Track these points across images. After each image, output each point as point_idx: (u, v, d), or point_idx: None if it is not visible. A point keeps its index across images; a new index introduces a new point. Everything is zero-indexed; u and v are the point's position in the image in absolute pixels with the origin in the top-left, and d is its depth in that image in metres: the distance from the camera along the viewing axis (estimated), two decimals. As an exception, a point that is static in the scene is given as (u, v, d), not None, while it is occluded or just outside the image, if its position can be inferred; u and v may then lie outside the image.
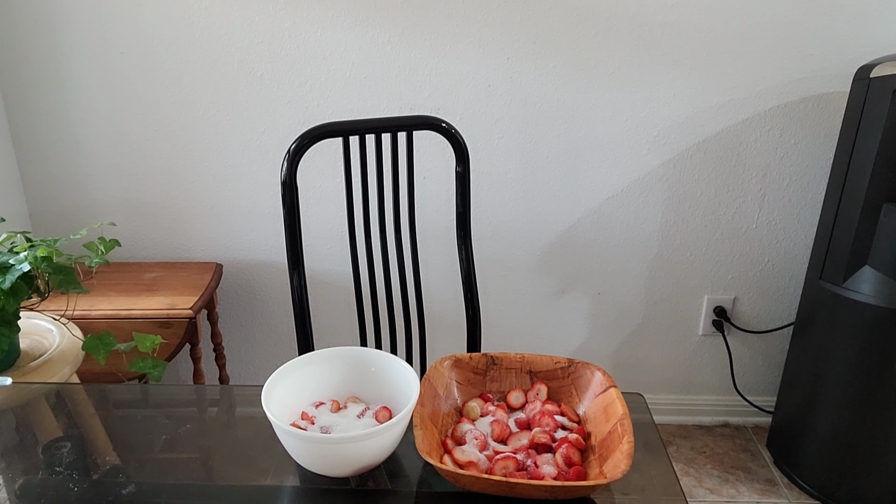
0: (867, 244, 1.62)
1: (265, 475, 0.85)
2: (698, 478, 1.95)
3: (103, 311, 1.62)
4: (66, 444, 0.90)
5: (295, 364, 0.87)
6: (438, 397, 0.89)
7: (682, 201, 1.92)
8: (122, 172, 1.86)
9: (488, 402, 0.92)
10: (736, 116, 1.83)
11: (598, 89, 1.79)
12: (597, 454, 0.82)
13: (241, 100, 1.79)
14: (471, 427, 0.86)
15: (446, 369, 0.92)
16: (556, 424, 0.87)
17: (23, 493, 0.80)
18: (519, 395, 0.93)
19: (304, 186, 1.88)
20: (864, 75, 1.61)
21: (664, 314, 2.05)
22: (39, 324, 1.36)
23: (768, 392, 2.14)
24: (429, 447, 0.78)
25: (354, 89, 1.78)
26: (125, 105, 1.79)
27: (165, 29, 1.71)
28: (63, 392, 1.09)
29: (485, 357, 0.95)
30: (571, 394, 0.93)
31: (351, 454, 0.77)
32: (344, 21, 1.72)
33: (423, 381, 0.86)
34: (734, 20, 1.73)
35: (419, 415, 0.81)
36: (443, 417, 0.88)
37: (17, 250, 1.14)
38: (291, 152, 1.16)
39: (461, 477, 0.74)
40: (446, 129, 1.23)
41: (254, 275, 1.98)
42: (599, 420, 0.86)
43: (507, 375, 0.95)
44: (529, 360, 0.95)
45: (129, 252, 1.93)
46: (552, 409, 0.89)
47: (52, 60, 1.74)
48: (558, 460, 0.80)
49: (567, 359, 0.95)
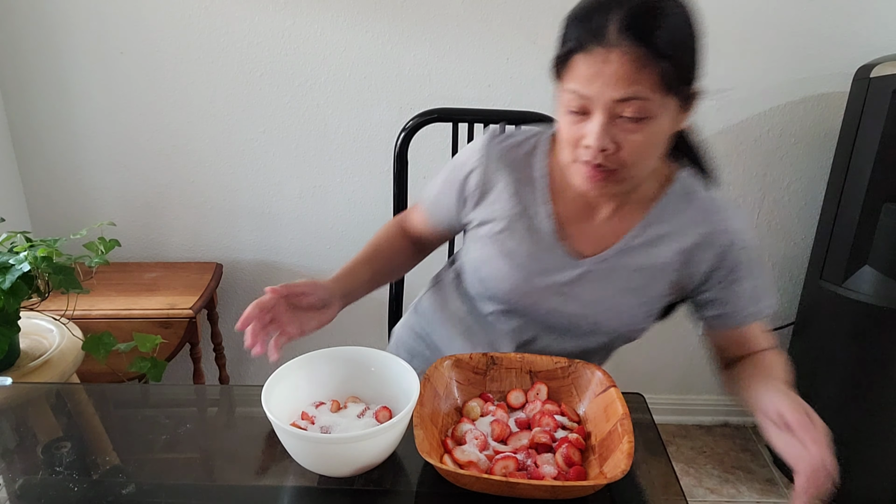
0: (867, 244, 1.62)
1: (265, 475, 0.85)
2: (698, 477, 1.95)
3: (103, 311, 1.62)
4: (66, 444, 0.90)
5: (295, 364, 0.87)
6: (438, 397, 0.89)
7: (682, 201, 1.92)
8: (122, 172, 1.86)
9: (488, 402, 0.92)
10: (735, 116, 1.83)
11: (598, 89, 1.79)
12: (597, 454, 0.82)
13: (241, 100, 1.79)
14: (471, 427, 0.86)
15: (446, 369, 0.92)
16: (556, 424, 0.87)
17: (23, 493, 0.80)
18: (519, 394, 0.93)
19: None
20: (864, 75, 1.61)
21: (664, 314, 2.05)
22: (39, 324, 1.36)
23: (768, 392, 2.14)
24: (429, 447, 0.78)
25: (354, 89, 1.78)
26: (125, 105, 1.79)
27: (165, 29, 1.71)
28: (63, 392, 1.09)
29: (485, 357, 0.95)
30: (571, 394, 0.93)
31: (351, 454, 0.77)
32: (344, 21, 1.72)
33: (423, 381, 0.86)
34: (734, 20, 1.72)
35: (419, 415, 0.81)
36: (443, 417, 0.88)
37: (17, 250, 1.14)
38: (408, 128, 1.27)
39: (461, 477, 0.74)
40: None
41: (254, 275, 1.98)
42: (599, 420, 0.86)
43: (507, 375, 0.95)
44: (529, 360, 0.95)
45: (129, 252, 1.93)
46: (552, 409, 0.89)
47: (52, 60, 1.74)
48: (558, 460, 0.80)
49: (567, 359, 0.95)
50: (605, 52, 0.78)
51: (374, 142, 1.82)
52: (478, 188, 0.99)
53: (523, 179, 0.98)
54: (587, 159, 0.84)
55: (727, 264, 0.94)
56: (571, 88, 0.82)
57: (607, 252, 0.95)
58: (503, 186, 0.98)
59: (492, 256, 0.98)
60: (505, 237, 0.98)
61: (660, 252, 0.94)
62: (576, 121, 0.84)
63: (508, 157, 0.99)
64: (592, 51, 0.78)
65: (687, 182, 0.96)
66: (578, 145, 0.84)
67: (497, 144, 1.00)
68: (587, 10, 0.80)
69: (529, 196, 0.97)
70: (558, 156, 0.93)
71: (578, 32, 0.80)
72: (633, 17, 0.77)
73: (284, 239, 1.94)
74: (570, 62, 0.81)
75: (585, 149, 0.83)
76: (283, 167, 1.86)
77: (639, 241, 0.95)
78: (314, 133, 1.82)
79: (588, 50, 0.79)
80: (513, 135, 1.01)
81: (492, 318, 1.05)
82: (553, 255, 0.96)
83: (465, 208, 1.02)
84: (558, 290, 0.96)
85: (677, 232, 0.94)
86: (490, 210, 0.99)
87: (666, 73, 0.79)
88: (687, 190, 0.96)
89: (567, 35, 0.82)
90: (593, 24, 0.78)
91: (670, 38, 0.79)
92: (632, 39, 0.77)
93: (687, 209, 0.94)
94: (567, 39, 0.82)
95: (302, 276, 1.97)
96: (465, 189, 1.01)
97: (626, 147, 0.82)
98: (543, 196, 0.97)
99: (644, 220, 0.95)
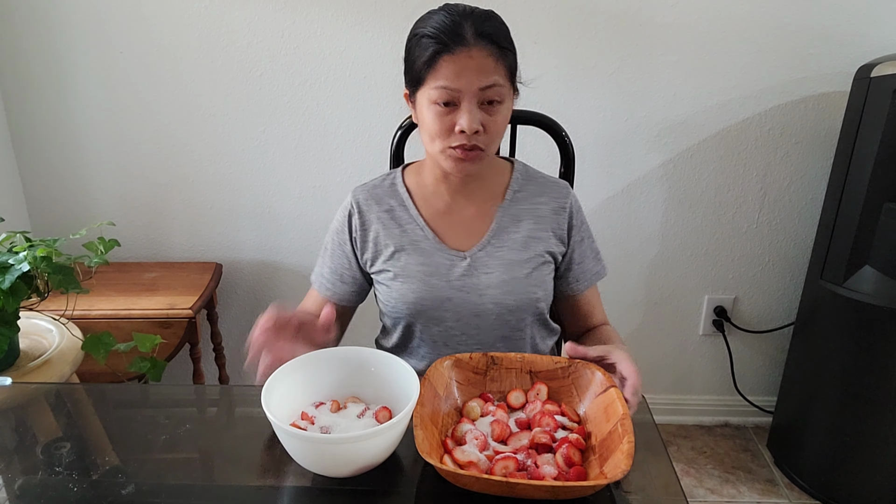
0: (867, 244, 1.62)
1: (265, 475, 0.85)
2: (699, 478, 1.95)
3: (103, 311, 1.62)
4: (66, 444, 0.90)
5: (295, 364, 0.87)
6: (438, 397, 0.89)
7: (682, 201, 1.92)
8: (121, 172, 1.86)
9: (488, 402, 0.91)
10: (736, 116, 1.82)
11: (598, 89, 1.79)
12: (597, 454, 0.82)
13: (240, 99, 1.79)
14: (471, 427, 0.86)
15: (446, 369, 0.92)
16: (556, 424, 0.87)
17: (22, 493, 0.80)
18: (519, 395, 0.93)
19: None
20: (864, 75, 1.61)
21: (664, 314, 2.05)
22: (39, 324, 1.36)
23: (769, 392, 2.14)
24: (429, 447, 0.78)
25: (354, 89, 1.78)
26: (125, 105, 1.79)
27: (165, 28, 1.71)
28: (63, 392, 1.09)
29: (485, 357, 0.95)
30: (572, 394, 0.93)
31: (351, 454, 0.77)
32: (344, 21, 1.72)
33: (423, 380, 0.86)
34: (734, 20, 1.72)
35: (419, 415, 0.81)
36: (443, 417, 0.88)
37: (17, 250, 1.14)
38: (404, 127, 1.28)
39: (461, 477, 0.74)
40: (554, 129, 1.27)
41: (254, 275, 1.98)
42: (600, 420, 0.86)
43: (508, 375, 0.95)
44: (529, 360, 0.95)
45: (129, 252, 1.93)
46: (552, 409, 0.89)
47: (52, 60, 1.73)
48: (558, 460, 0.80)
49: (567, 359, 0.95)
50: (467, 50, 0.95)
51: (373, 141, 1.82)
52: (359, 229, 1.13)
53: (392, 206, 1.13)
54: (462, 143, 0.98)
55: (576, 224, 1.13)
56: (441, 85, 0.96)
57: (483, 240, 1.10)
58: (376, 218, 1.12)
59: (392, 279, 1.10)
60: (396, 259, 1.10)
61: (525, 226, 1.11)
62: (444, 112, 0.98)
63: (374, 194, 1.14)
64: (456, 51, 0.95)
65: (522, 168, 1.16)
66: (451, 133, 0.99)
67: (361, 190, 1.15)
68: (440, 24, 0.97)
69: (403, 216, 1.12)
70: (428, 150, 1.05)
71: (438, 40, 0.96)
72: (482, 23, 0.97)
73: (284, 239, 1.94)
74: (437, 64, 0.96)
75: (460, 134, 0.98)
76: (282, 167, 1.86)
77: (505, 222, 1.11)
78: (314, 133, 1.82)
79: (453, 51, 0.95)
80: (370, 180, 1.17)
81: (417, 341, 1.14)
82: (440, 256, 1.10)
83: (358, 250, 1.14)
84: (454, 285, 1.09)
85: (533, 207, 1.12)
86: (375, 243, 1.12)
87: (510, 63, 1.00)
88: (525, 174, 1.16)
89: (422, 47, 0.98)
90: (452, 32, 0.95)
91: (507, 38, 1.00)
92: (486, 39, 0.96)
93: (533, 187, 1.14)
94: (424, 50, 0.97)
95: (301, 275, 1.97)
96: (351, 234, 1.14)
97: (490, 128, 0.99)
98: (413, 212, 1.12)
99: (503, 206, 1.12)
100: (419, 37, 0.99)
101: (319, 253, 1.18)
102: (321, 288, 1.17)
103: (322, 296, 1.17)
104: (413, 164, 1.18)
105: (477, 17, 0.98)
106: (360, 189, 1.15)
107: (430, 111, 0.99)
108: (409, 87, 1.05)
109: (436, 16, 0.99)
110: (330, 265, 1.16)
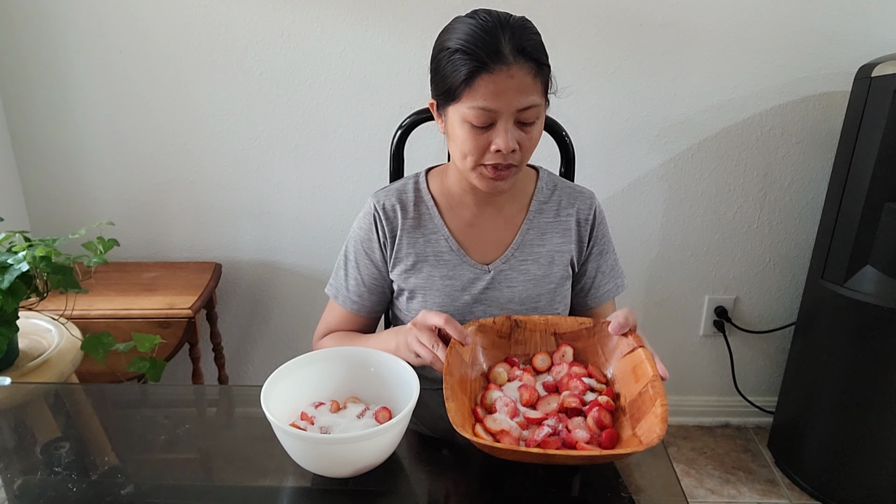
0: (868, 244, 1.62)
1: (265, 475, 0.85)
2: (699, 478, 1.95)
3: (102, 311, 1.61)
4: (65, 444, 0.90)
5: (295, 364, 0.87)
6: (465, 364, 0.88)
7: (682, 201, 1.92)
8: (121, 172, 1.85)
9: (514, 367, 0.91)
10: (737, 116, 1.82)
11: (599, 89, 1.79)
12: (627, 415, 0.81)
13: (240, 99, 1.78)
14: (500, 394, 0.85)
15: (471, 335, 0.91)
16: (584, 387, 0.86)
17: (22, 493, 0.80)
18: (544, 357, 0.93)
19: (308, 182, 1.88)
20: (865, 74, 1.60)
21: (665, 314, 2.05)
22: (38, 323, 1.36)
23: (769, 392, 2.14)
24: (461, 419, 0.76)
25: (354, 89, 1.77)
26: (124, 104, 1.78)
27: (164, 28, 1.71)
28: (62, 392, 1.09)
29: (508, 320, 0.94)
30: (597, 353, 0.92)
31: (351, 454, 0.76)
32: (343, 20, 1.71)
33: (449, 349, 0.85)
34: (734, 20, 1.72)
35: (449, 386, 0.80)
36: (471, 384, 0.88)
37: (16, 250, 1.14)
38: (404, 126, 1.25)
39: (497, 450, 0.74)
40: (554, 129, 1.25)
41: (253, 275, 1.98)
42: (628, 380, 0.85)
43: (532, 338, 0.94)
44: (553, 321, 0.94)
45: (129, 252, 1.93)
46: (579, 372, 0.89)
47: (52, 60, 1.73)
48: (590, 424, 0.80)
49: (591, 319, 0.94)
50: (507, 69, 0.89)
51: (373, 141, 1.82)
52: (388, 234, 1.08)
53: (419, 214, 1.09)
54: (497, 162, 0.94)
55: (598, 236, 1.11)
56: (479, 106, 0.90)
57: (507, 253, 1.08)
58: (402, 225, 1.08)
59: (414, 290, 1.08)
60: (419, 269, 1.07)
61: (550, 239, 1.09)
62: (479, 133, 0.93)
63: (401, 199, 1.09)
64: (495, 70, 0.89)
65: (547, 176, 1.13)
66: (485, 152, 0.94)
67: (384, 194, 1.10)
68: (475, 38, 0.90)
69: (428, 225, 1.08)
70: (458, 165, 1.00)
71: (475, 57, 0.89)
72: (519, 37, 0.91)
73: (284, 239, 1.94)
74: (474, 84, 0.90)
75: (496, 153, 0.93)
76: (282, 167, 1.86)
77: (531, 235, 1.09)
78: (314, 133, 1.82)
79: (491, 70, 0.89)
80: (391, 184, 1.14)
81: None
82: (464, 269, 1.07)
83: (388, 257, 1.09)
84: (478, 298, 1.07)
85: (557, 218, 1.10)
86: (398, 251, 1.08)
87: (546, 78, 0.95)
88: (551, 182, 1.13)
89: (456, 63, 0.91)
90: (489, 48, 0.89)
91: (544, 51, 0.95)
92: (525, 56, 0.90)
93: (558, 197, 1.11)
94: (458, 66, 0.90)
95: (301, 275, 1.97)
96: (380, 240, 1.09)
97: (524, 145, 0.95)
98: (438, 221, 1.08)
99: (528, 216, 1.09)
100: (451, 51, 0.92)
101: (336, 265, 1.14)
102: (346, 302, 1.12)
103: (347, 310, 1.12)
104: (437, 168, 1.14)
105: (514, 28, 0.91)
106: (383, 193, 1.10)
107: (462, 128, 0.94)
108: (439, 100, 0.98)
109: (468, 27, 0.92)
110: (356, 276, 1.11)
